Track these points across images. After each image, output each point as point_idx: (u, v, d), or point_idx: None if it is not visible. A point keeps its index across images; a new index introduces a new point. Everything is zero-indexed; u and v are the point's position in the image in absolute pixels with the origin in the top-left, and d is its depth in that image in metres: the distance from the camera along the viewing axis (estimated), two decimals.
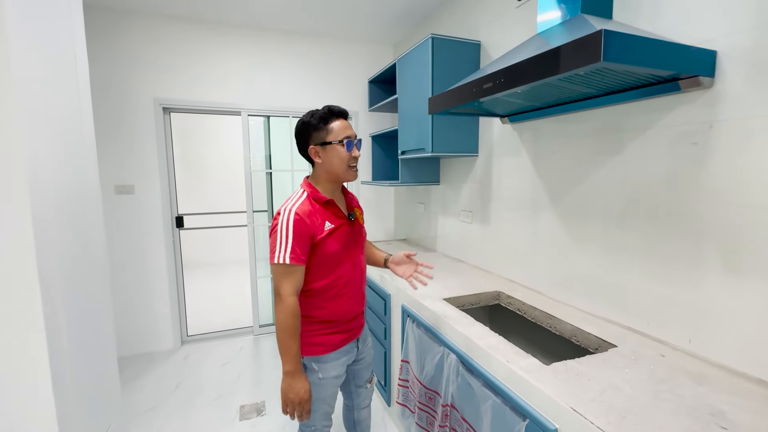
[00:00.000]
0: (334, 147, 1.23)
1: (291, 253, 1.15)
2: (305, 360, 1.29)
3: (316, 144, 1.24)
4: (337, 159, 1.24)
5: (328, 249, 1.23)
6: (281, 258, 1.15)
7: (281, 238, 1.16)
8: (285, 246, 1.15)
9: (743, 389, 0.96)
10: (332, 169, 1.25)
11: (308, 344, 1.28)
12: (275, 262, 1.16)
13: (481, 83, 1.29)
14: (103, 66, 2.55)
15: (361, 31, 2.96)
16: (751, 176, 0.98)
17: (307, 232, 1.18)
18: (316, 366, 1.29)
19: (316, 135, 1.24)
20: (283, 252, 1.15)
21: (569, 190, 1.57)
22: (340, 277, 1.28)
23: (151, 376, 2.53)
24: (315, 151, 1.26)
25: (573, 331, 1.40)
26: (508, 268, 1.97)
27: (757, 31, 0.96)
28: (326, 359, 1.29)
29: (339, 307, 1.30)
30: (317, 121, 1.24)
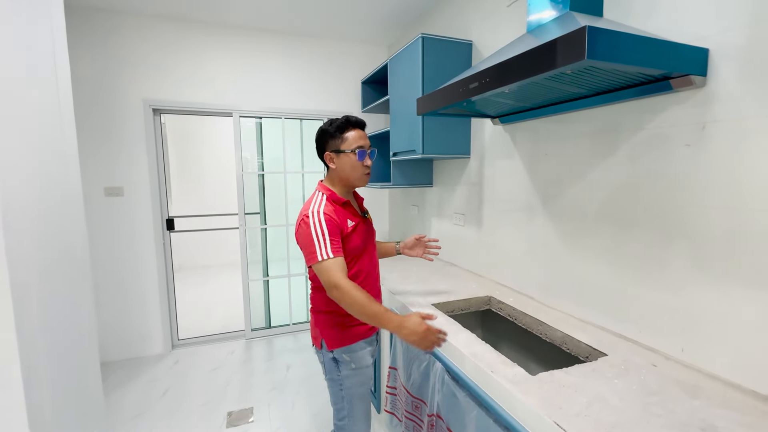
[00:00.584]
0: (347, 155, 1.32)
1: (332, 246, 1.21)
2: (336, 353, 1.33)
3: (332, 151, 1.33)
4: (349, 166, 1.33)
5: (352, 244, 1.31)
6: (325, 254, 1.19)
7: (318, 236, 1.21)
8: (324, 242, 1.20)
9: (737, 402, 0.92)
10: (345, 175, 1.34)
11: (336, 338, 1.33)
12: (320, 260, 1.19)
13: (467, 83, 1.25)
14: (91, 67, 2.52)
15: (355, 31, 2.93)
16: (746, 179, 0.94)
17: (337, 228, 1.26)
18: (348, 356, 1.33)
19: (332, 142, 1.33)
20: (325, 248, 1.20)
21: (562, 193, 1.53)
22: (360, 271, 1.35)
23: (138, 382, 2.49)
24: (330, 157, 1.34)
25: (563, 339, 1.36)
26: (501, 272, 1.92)
27: (751, 29, 0.92)
28: (356, 348, 1.34)
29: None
30: (334, 129, 1.32)
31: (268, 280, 3.29)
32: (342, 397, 1.36)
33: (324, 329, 1.35)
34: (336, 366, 1.35)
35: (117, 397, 2.31)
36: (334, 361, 1.34)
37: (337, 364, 1.34)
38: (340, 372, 1.34)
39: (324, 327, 1.35)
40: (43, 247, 1.33)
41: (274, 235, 3.28)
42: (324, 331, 1.35)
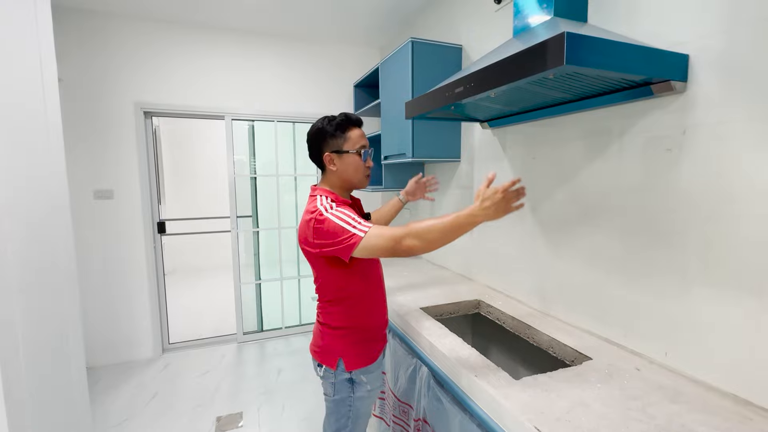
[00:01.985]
0: (351, 155, 1.20)
1: (361, 224, 1.05)
2: (353, 374, 1.22)
3: (332, 151, 1.20)
4: (352, 168, 1.21)
5: None
6: (364, 228, 1.04)
7: (346, 220, 1.06)
8: (355, 221, 1.06)
9: (717, 407, 0.92)
10: (347, 177, 1.22)
11: (355, 356, 1.21)
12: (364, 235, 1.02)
13: (453, 87, 1.26)
14: (81, 69, 2.51)
15: (347, 34, 2.94)
16: (725, 184, 0.95)
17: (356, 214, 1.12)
18: (365, 378, 1.23)
19: (332, 142, 1.20)
20: (359, 225, 1.05)
21: (549, 197, 1.53)
22: (374, 280, 1.26)
23: (127, 386, 2.46)
24: (330, 159, 1.20)
25: (550, 342, 1.36)
26: (491, 275, 1.92)
27: (729, 35, 0.93)
28: (372, 369, 1.25)
29: (376, 312, 1.28)
30: (334, 128, 1.19)
31: (260, 284, 3.28)
32: (348, 417, 1.25)
33: (345, 347, 1.21)
34: (350, 387, 1.23)
35: (104, 403, 2.29)
36: (350, 381, 1.22)
37: (353, 384, 1.23)
38: (353, 393, 1.23)
39: (344, 345, 1.21)
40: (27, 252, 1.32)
41: (267, 238, 3.27)
42: (345, 349, 1.21)
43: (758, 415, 0.88)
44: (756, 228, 0.89)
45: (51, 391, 1.44)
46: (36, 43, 1.49)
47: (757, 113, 0.88)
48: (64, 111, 2.48)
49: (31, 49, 1.44)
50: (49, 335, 1.45)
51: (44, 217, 1.46)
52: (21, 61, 1.37)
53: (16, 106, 1.31)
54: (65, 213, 1.60)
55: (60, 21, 2.42)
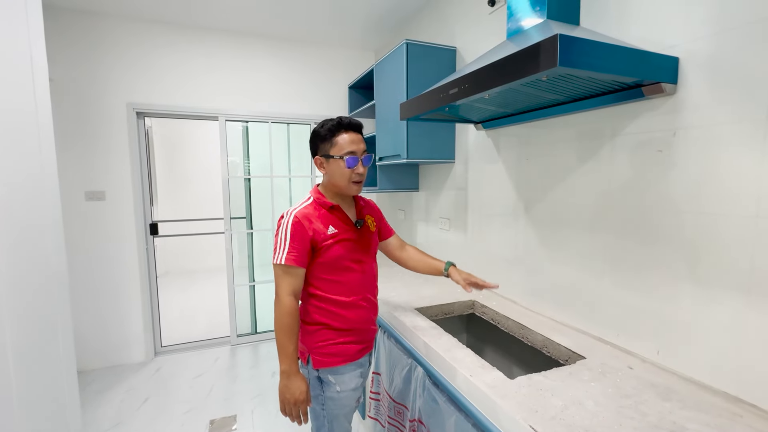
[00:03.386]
0: (336, 161, 1.21)
1: (288, 254, 1.15)
2: (320, 373, 1.25)
3: (321, 155, 1.24)
4: (337, 173, 1.22)
5: (332, 253, 1.21)
6: (279, 259, 1.16)
7: (281, 240, 1.17)
8: (283, 247, 1.16)
9: (708, 404, 0.93)
10: (334, 182, 1.24)
11: (323, 355, 1.23)
12: (275, 263, 1.17)
13: (447, 89, 1.27)
14: (73, 70, 2.48)
15: (342, 36, 2.94)
16: (715, 184, 0.97)
17: (305, 235, 1.17)
18: (333, 378, 1.24)
19: (322, 146, 1.23)
20: (281, 253, 1.16)
21: (542, 198, 1.55)
22: (348, 284, 1.25)
23: (118, 390, 2.43)
24: (320, 162, 1.25)
25: (544, 342, 1.37)
26: (485, 276, 1.91)
27: (718, 38, 0.95)
28: (343, 371, 1.25)
29: (351, 314, 1.26)
30: (325, 132, 1.22)
31: (254, 285, 3.26)
32: (323, 416, 1.28)
33: (312, 345, 1.24)
34: (320, 385, 1.26)
35: (95, 407, 2.25)
36: (319, 380, 1.26)
37: (321, 383, 1.26)
38: (323, 392, 1.26)
39: (312, 342, 1.24)
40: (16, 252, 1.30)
41: (261, 239, 3.25)
42: (312, 346, 1.24)
43: (747, 411, 0.89)
44: (744, 228, 0.91)
45: (40, 394, 1.42)
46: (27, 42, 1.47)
47: (744, 114, 0.90)
48: (55, 111, 2.45)
49: (21, 48, 1.42)
50: (39, 337, 1.43)
51: (34, 217, 1.44)
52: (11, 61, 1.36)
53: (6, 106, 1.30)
54: (56, 214, 1.58)
55: (52, 21, 2.39)
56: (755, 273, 0.90)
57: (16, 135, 1.36)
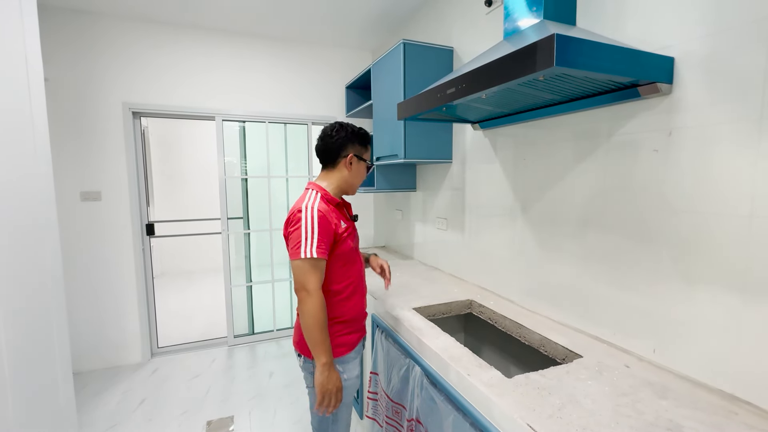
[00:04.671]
0: (363, 165, 1.36)
1: (318, 247, 1.16)
2: None
3: (356, 155, 1.33)
4: (360, 175, 1.37)
5: (346, 247, 1.27)
6: (309, 252, 1.15)
7: (307, 233, 1.16)
8: (311, 240, 1.16)
9: (704, 402, 0.94)
10: (352, 181, 1.35)
11: (333, 347, 1.26)
12: (303, 257, 1.15)
13: (445, 88, 1.27)
14: (69, 69, 2.47)
15: (339, 36, 2.94)
16: (710, 184, 0.97)
17: (330, 229, 1.21)
18: (341, 367, 1.28)
19: (359, 147, 1.35)
20: (310, 246, 1.15)
21: (539, 198, 1.55)
22: (355, 274, 1.34)
23: (114, 392, 2.41)
24: (351, 160, 1.32)
25: (541, 341, 1.37)
26: (482, 276, 1.94)
27: (714, 38, 0.95)
28: (348, 359, 1.31)
29: (357, 305, 1.35)
30: (362, 138, 1.36)
31: (251, 286, 3.25)
32: None
33: None
34: None
35: (91, 409, 2.24)
36: None
37: None
38: None
39: None
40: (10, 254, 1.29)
41: (258, 240, 3.25)
42: None
43: (743, 409, 0.90)
44: (738, 227, 0.92)
45: (35, 395, 1.41)
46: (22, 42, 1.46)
47: (739, 114, 0.91)
48: (50, 111, 2.43)
49: (16, 48, 1.41)
50: (34, 337, 1.42)
51: (29, 217, 1.43)
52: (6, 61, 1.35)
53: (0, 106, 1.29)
54: (51, 214, 1.57)
55: (47, 20, 2.38)
56: (750, 272, 0.90)
57: (11, 135, 1.35)
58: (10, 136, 1.34)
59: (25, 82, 1.47)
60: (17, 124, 1.39)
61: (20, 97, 1.42)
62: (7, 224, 1.29)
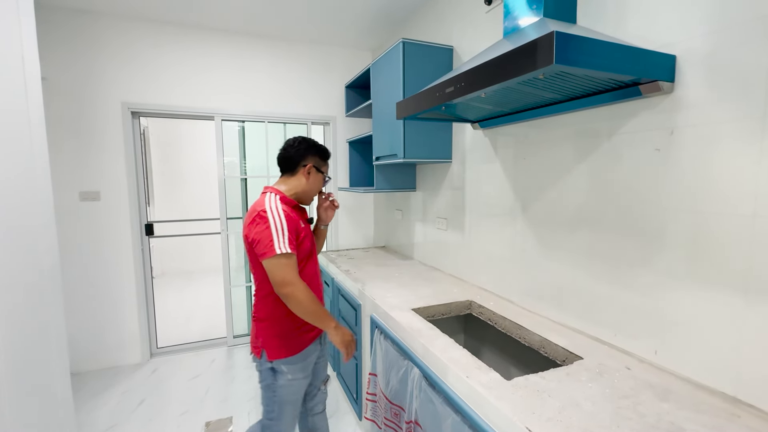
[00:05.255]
0: (321, 177, 1.47)
1: (289, 242, 1.23)
2: (274, 364, 1.34)
3: (314, 166, 1.43)
4: (317, 185, 1.46)
5: (305, 245, 1.36)
6: (282, 248, 1.21)
7: (277, 230, 1.22)
8: (283, 237, 1.22)
9: (706, 404, 0.92)
10: (308, 190, 1.44)
11: (278, 347, 1.34)
12: (279, 252, 1.20)
13: (444, 87, 1.26)
14: (67, 69, 2.46)
15: (339, 35, 2.93)
16: (712, 183, 0.96)
17: (295, 226, 1.29)
18: (286, 368, 1.34)
19: (318, 160, 1.45)
20: (283, 242, 1.22)
21: (539, 197, 1.54)
22: (311, 274, 1.41)
23: (113, 392, 2.41)
24: (309, 170, 1.42)
25: (541, 342, 1.36)
26: (482, 276, 1.92)
27: (716, 36, 0.94)
28: (295, 360, 1.36)
29: None
30: (321, 152, 1.46)
31: (250, 286, 3.24)
32: (274, 402, 1.37)
33: (266, 339, 1.34)
34: (273, 375, 1.35)
35: (89, 409, 2.23)
36: (272, 371, 1.35)
37: (275, 373, 1.35)
38: (276, 381, 1.35)
39: (266, 336, 1.34)
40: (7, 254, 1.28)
41: None
42: (266, 341, 1.34)
43: (745, 412, 0.89)
44: (741, 227, 0.90)
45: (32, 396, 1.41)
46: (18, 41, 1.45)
47: (742, 113, 0.90)
48: (49, 111, 2.43)
49: (13, 47, 1.40)
50: (31, 338, 1.42)
51: (26, 218, 1.42)
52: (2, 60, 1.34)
53: None
54: (49, 214, 1.56)
55: (46, 20, 2.37)
56: (753, 272, 0.89)
57: (8, 134, 1.34)
58: (6, 136, 1.33)
59: (22, 82, 1.46)
60: (14, 124, 1.38)
61: (17, 96, 1.41)
62: (3, 224, 1.28)
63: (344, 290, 2.19)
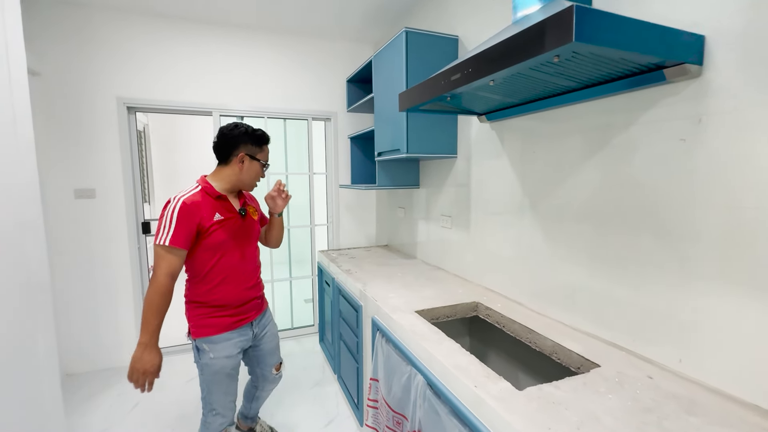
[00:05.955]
0: (257, 164, 1.49)
1: (172, 237, 1.28)
2: (198, 342, 1.44)
3: (247, 154, 1.45)
4: (253, 173, 1.49)
5: (215, 237, 1.38)
6: (162, 240, 1.27)
7: (166, 223, 1.29)
8: (168, 230, 1.28)
9: (737, 418, 0.84)
10: (244, 179, 1.47)
11: (200, 326, 1.43)
12: (156, 243, 1.28)
13: (449, 74, 1.17)
14: (61, 63, 2.39)
15: (340, 28, 2.85)
16: (747, 175, 0.87)
17: (192, 220, 1.32)
18: (207, 346, 1.43)
19: (252, 148, 1.47)
20: (165, 235, 1.28)
21: (550, 193, 1.45)
22: (227, 265, 1.43)
23: (108, 395, 2.34)
24: (242, 158, 1.44)
25: (553, 348, 1.28)
26: (489, 276, 1.84)
27: (749, 12, 0.85)
28: (217, 340, 1.43)
29: (227, 292, 1.45)
30: (256, 138, 1.47)
31: None
32: (203, 378, 1.47)
33: (191, 318, 1.44)
34: (198, 353, 1.46)
35: (83, 412, 2.17)
36: (197, 348, 1.45)
37: (199, 351, 1.45)
38: (200, 359, 1.45)
39: (190, 316, 1.45)
40: None
41: None
42: (191, 320, 1.45)
43: None
44: None
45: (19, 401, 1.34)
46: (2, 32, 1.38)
47: None
48: (42, 106, 2.37)
49: None
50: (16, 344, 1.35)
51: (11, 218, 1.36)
52: None
53: None
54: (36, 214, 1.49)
55: (38, 12, 2.31)
56: None
57: None
58: None
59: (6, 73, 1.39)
60: None
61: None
62: None
63: (345, 291, 2.11)
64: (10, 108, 1.40)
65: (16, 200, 1.40)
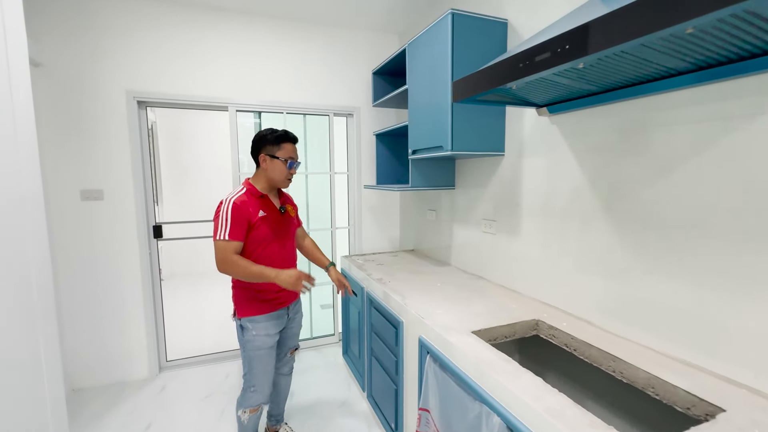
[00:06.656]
0: (278, 162, 1.59)
1: (230, 232, 1.47)
2: (242, 321, 1.61)
3: (267, 154, 1.59)
4: (278, 171, 1.61)
5: (260, 231, 1.56)
6: (222, 235, 1.47)
7: (222, 221, 1.48)
8: (225, 227, 1.47)
9: None
10: (272, 176, 1.61)
11: (244, 307, 1.60)
12: (217, 239, 1.47)
13: (533, 54, 0.97)
14: (67, 54, 2.21)
15: (364, 17, 2.65)
16: None
17: (243, 217, 1.50)
18: (250, 325, 1.60)
19: (269, 147, 1.60)
20: (224, 231, 1.47)
21: (629, 196, 1.25)
22: (269, 254, 1.59)
23: (117, 413, 2.16)
24: (264, 159, 1.60)
25: (648, 381, 1.07)
26: (545, 289, 1.64)
27: None
28: (258, 320, 1.61)
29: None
30: (273, 138, 1.60)
31: None
32: (245, 355, 1.63)
33: (237, 299, 1.62)
34: (241, 331, 1.62)
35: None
36: (241, 327, 1.62)
37: (242, 330, 1.61)
38: (243, 336, 1.61)
39: (237, 297, 1.62)
40: None
41: None
42: (236, 302, 1.63)
43: None
44: None
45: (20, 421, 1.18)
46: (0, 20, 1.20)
47: None
48: (46, 101, 2.18)
49: None
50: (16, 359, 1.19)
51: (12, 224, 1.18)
52: None
53: None
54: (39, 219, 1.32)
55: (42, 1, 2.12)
56: None
57: None
58: None
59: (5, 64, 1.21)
60: None
61: None
62: None
63: (378, 302, 1.92)
64: (9, 102, 1.22)
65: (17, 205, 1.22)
